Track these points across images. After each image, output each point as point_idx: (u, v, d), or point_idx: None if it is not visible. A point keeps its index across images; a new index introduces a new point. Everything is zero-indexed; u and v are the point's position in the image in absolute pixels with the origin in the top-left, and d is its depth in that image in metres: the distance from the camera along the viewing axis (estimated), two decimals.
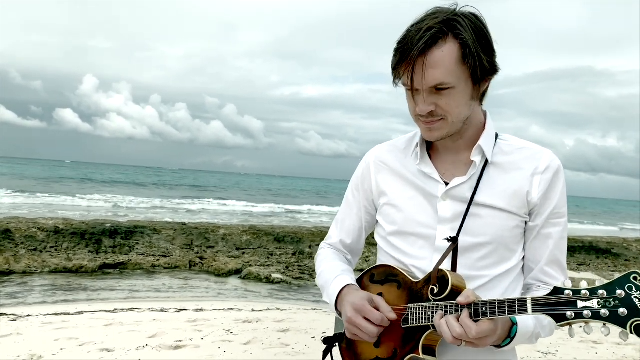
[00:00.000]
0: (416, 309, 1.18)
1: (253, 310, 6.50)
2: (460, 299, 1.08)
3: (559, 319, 0.94)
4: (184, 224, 12.28)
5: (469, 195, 1.23)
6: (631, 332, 0.86)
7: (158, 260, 9.65)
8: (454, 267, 1.21)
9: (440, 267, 1.18)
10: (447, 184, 1.26)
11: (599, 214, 52.09)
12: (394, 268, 1.28)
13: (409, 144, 1.36)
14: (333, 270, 1.37)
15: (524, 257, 1.29)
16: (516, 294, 1.26)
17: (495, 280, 1.24)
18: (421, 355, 1.16)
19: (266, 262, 10.34)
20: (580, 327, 0.93)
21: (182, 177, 72.71)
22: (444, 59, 1.12)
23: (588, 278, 1.72)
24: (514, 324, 1.13)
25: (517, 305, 1.00)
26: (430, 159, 1.31)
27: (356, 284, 1.32)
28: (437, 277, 1.17)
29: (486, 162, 1.25)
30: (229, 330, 5.33)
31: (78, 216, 14.35)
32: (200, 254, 10.46)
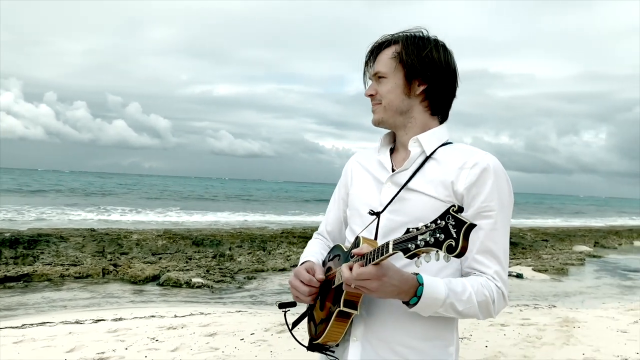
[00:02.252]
0: (340, 270, 1.33)
1: (176, 316, 6.32)
2: (354, 251, 1.25)
3: (406, 252, 1.07)
4: (93, 230, 11.62)
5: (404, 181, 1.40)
6: (445, 252, 0.99)
7: (67, 269, 9.04)
8: (375, 238, 1.38)
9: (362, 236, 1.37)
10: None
11: None
12: (339, 245, 1.51)
13: None
14: (304, 256, 1.61)
15: None
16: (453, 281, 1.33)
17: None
18: (342, 307, 1.32)
19: (185, 266, 10.06)
20: (425, 258, 1.05)
21: (84, 179, 68.18)
22: (384, 56, 1.43)
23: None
24: (420, 284, 1.23)
25: (384, 248, 1.14)
26: (393, 154, 1.53)
27: (314, 262, 1.52)
28: (355, 243, 1.34)
29: (428, 157, 1.41)
30: (153, 338, 5.16)
31: None
32: (113, 261, 9.94)
